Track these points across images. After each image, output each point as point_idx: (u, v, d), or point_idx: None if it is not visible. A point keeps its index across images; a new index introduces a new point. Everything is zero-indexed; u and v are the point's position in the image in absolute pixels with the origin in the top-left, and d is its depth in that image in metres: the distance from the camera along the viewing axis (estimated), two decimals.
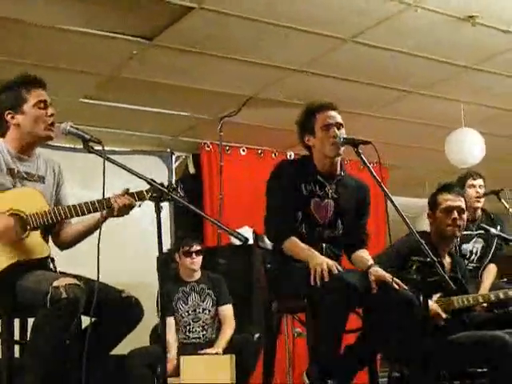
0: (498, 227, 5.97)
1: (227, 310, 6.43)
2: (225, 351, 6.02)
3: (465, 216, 4.87)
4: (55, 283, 3.57)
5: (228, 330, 6.33)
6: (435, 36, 6.07)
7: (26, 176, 3.96)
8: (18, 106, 3.93)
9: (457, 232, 4.87)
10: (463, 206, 4.87)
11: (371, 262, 4.36)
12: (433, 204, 4.88)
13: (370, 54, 6.34)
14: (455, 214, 4.82)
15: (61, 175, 4.18)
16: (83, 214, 3.85)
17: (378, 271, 4.21)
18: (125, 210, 3.84)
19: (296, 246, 4.31)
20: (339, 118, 4.45)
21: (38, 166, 4.05)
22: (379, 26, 5.84)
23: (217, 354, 5.99)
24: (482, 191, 6.19)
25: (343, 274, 4.06)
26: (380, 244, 8.44)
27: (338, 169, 4.52)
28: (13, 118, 3.94)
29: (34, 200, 3.84)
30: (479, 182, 6.23)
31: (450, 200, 4.83)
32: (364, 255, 4.52)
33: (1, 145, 3.95)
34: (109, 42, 5.84)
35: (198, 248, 6.45)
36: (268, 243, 4.56)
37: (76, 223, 4.11)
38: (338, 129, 4.40)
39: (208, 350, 6.08)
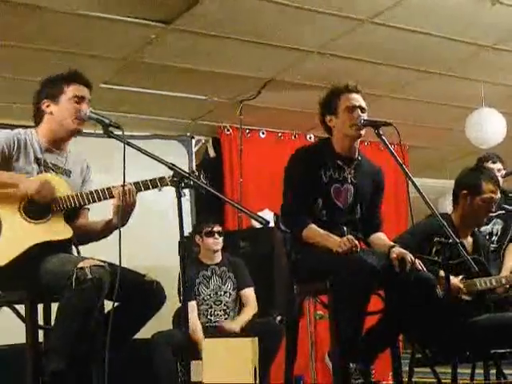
0: None
1: (249, 293, 6.47)
2: (247, 334, 6.04)
3: None
4: (80, 264, 3.60)
5: (250, 311, 6.37)
6: (455, 16, 6.03)
7: (52, 167, 4.01)
8: (55, 96, 4.01)
9: (485, 222, 4.99)
10: None
11: (391, 243, 4.38)
12: (475, 188, 4.76)
13: (389, 34, 6.30)
14: (493, 208, 4.81)
15: (88, 173, 4.23)
16: (99, 200, 3.87)
17: (399, 250, 4.22)
18: (126, 197, 3.84)
19: (315, 233, 4.31)
20: (363, 102, 4.45)
21: (66, 160, 4.10)
22: (398, 7, 5.79)
23: (234, 332, 6.03)
24: (499, 174, 6.14)
25: (364, 256, 4.08)
26: (401, 225, 8.43)
27: (356, 153, 4.52)
28: (48, 106, 4.02)
29: (57, 186, 3.87)
30: (498, 165, 6.19)
31: (494, 192, 4.76)
32: (383, 237, 4.55)
33: (32, 134, 4.02)
34: (127, 26, 5.83)
35: (220, 229, 6.52)
36: None
37: (95, 222, 4.14)
38: (362, 112, 4.40)
39: (224, 323, 6.14)
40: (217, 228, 6.49)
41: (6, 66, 6.43)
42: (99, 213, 4.08)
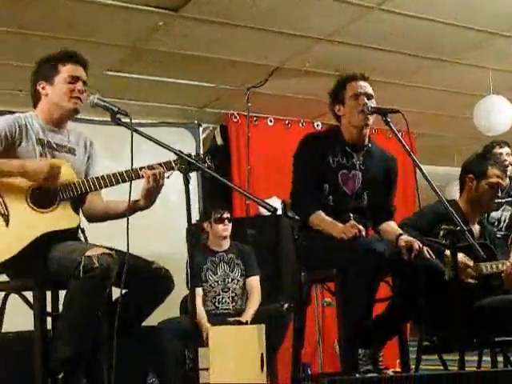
0: None
1: (254, 282, 6.46)
2: (254, 322, 6.04)
3: None
4: (88, 253, 3.60)
5: (255, 301, 6.36)
6: (462, 2, 6.00)
7: (55, 147, 3.99)
8: (50, 77, 4.00)
9: (493, 206, 4.96)
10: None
11: (400, 231, 4.38)
12: (480, 172, 4.79)
13: (397, 21, 6.28)
14: (498, 193, 4.81)
15: (92, 150, 4.22)
16: (111, 184, 3.87)
17: (408, 238, 4.22)
18: (156, 179, 3.85)
19: (321, 220, 4.31)
20: (369, 89, 4.45)
21: (68, 138, 4.09)
22: None
23: (246, 323, 6.03)
24: (509, 159, 6.14)
25: (372, 243, 4.08)
26: (409, 213, 8.38)
27: (366, 140, 4.52)
28: (43, 88, 4.01)
29: (62, 171, 3.86)
30: (506, 149, 6.19)
31: (499, 177, 4.78)
32: (393, 226, 4.55)
33: (32, 116, 4.00)
34: (134, 13, 5.82)
35: (229, 215, 6.52)
36: None
37: (110, 201, 4.14)
38: (368, 99, 4.40)
39: (237, 318, 6.12)
40: (226, 214, 6.47)
41: (12, 53, 6.43)
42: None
